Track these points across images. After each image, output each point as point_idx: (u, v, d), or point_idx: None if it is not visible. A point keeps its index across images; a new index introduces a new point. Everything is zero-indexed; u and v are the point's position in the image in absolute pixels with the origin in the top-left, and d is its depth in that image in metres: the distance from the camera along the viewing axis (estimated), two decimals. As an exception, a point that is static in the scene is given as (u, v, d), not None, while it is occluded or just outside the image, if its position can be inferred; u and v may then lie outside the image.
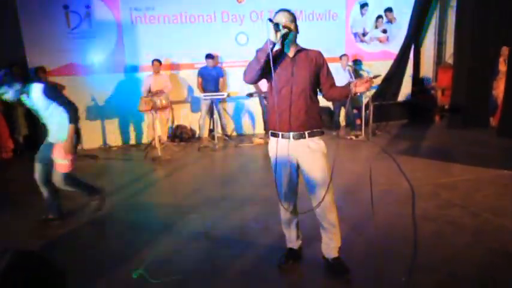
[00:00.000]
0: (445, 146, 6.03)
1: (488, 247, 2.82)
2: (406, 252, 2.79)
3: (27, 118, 6.32)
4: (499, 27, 6.71)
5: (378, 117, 7.24)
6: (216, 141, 6.60)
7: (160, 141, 6.29)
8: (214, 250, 2.99)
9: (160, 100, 6.13)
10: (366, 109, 6.77)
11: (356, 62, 7.52)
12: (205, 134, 7.15)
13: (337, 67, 6.73)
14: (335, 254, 2.57)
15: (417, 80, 8.74)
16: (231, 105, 7.60)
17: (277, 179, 2.50)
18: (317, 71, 2.41)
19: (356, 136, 6.73)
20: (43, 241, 3.25)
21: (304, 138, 2.39)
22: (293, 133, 2.39)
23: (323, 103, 2.54)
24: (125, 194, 4.41)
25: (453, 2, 8.10)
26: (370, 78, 2.42)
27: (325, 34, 7.57)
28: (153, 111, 6.09)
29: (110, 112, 6.99)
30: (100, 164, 5.97)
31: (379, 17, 8.09)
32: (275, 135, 2.45)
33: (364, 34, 8.07)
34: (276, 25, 2.18)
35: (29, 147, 6.04)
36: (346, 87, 2.46)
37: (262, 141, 6.66)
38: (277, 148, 2.39)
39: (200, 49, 6.96)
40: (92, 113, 6.89)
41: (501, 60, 6.74)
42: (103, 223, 3.67)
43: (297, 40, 2.41)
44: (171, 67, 7.17)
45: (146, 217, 3.77)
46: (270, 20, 2.18)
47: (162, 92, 6.37)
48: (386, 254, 2.77)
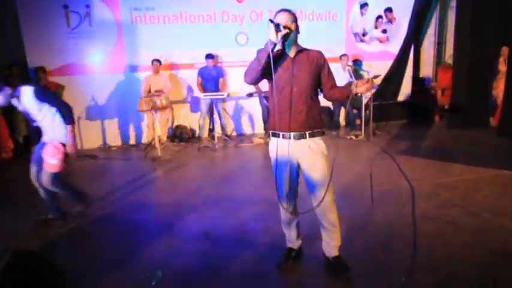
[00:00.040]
0: (445, 146, 6.03)
1: (488, 247, 2.82)
2: (406, 252, 2.79)
3: (27, 118, 6.31)
4: (499, 27, 6.72)
5: (378, 117, 7.24)
6: (216, 141, 6.60)
7: (160, 141, 6.29)
8: (214, 250, 2.99)
9: (160, 100, 6.14)
10: (366, 109, 6.77)
11: (356, 62, 7.51)
12: (205, 134, 7.15)
13: (337, 67, 6.73)
14: (335, 253, 2.57)
15: (417, 80, 8.74)
16: (231, 105, 7.60)
17: (277, 179, 2.49)
18: (318, 71, 2.41)
19: (356, 136, 6.72)
20: (43, 241, 3.25)
21: (305, 138, 2.39)
22: (294, 133, 2.38)
23: (323, 103, 2.54)
24: (125, 194, 4.41)
25: (453, 2, 8.10)
26: (370, 78, 2.40)
27: (325, 34, 7.58)
28: (153, 111, 6.10)
29: (110, 112, 6.99)
30: (100, 164, 5.97)
31: (379, 17, 8.09)
32: (276, 135, 2.45)
33: (364, 34, 8.07)
34: (277, 25, 2.17)
35: (29, 147, 6.03)
36: (347, 87, 2.44)
37: (262, 141, 6.67)
38: (277, 148, 2.39)
39: (200, 49, 6.96)
40: (92, 113, 6.90)
41: (501, 60, 6.74)
42: (103, 223, 3.67)
43: (297, 40, 2.41)
44: (171, 67, 7.16)
45: (146, 217, 3.76)
46: (271, 21, 2.17)
47: (162, 92, 6.37)
48: (386, 254, 2.78)
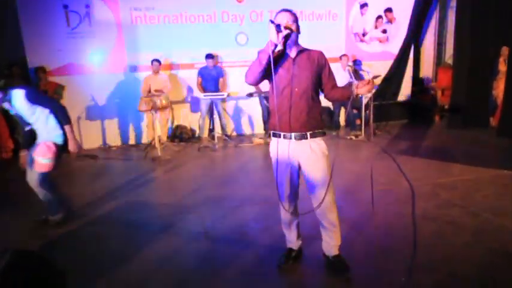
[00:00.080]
0: (445, 146, 6.03)
1: (488, 247, 2.83)
2: (406, 252, 2.79)
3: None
4: (499, 27, 6.72)
5: (378, 117, 7.23)
6: (216, 141, 6.60)
7: (160, 141, 6.29)
8: (214, 250, 2.99)
9: (160, 100, 6.13)
10: (366, 109, 6.77)
11: (356, 62, 7.52)
12: (205, 134, 7.15)
13: (337, 67, 6.73)
14: (335, 252, 2.58)
15: (417, 80, 8.74)
16: (231, 105, 7.59)
17: (278, 180, 2.49)
18: (319, 72, 2.40)
19: (356, 136, 6.73)
20: (43, 241, 3.25)
21: (305, 139, 2.38)
22: (295, 134, 2.38)
23: (323, 103, 2.54)
24: (125, 194, 4.41)
25: (453, 3, 8.10)
26: (371, 80, 2.40)
27: (325, 34, 7.58)
28: (153, 111, 6.09)
29: (110, 112, 6.99)
30: (100, 164, 5.97)
31: (379, 17, 8.09)
32: (276, 135, 2.44)
33: (364, 34, 8.07)
34: (278, 26, 2.16)
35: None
36: (348, 88, 2.43)
37: (262, 141, 6.66)
38: (278, 148, 2.39)
39: (200, 49, 6.96)
40: (92, 113, 6.89)
41: (501, 60, 6.74)
42: (103, 223, 3.66)
43: (298, 40, 2.40)
44: (171, 67, 7.16)
45: (146, 217, 3.76)
46: (272, 22, 2.17)
47: (162, 92, 6.37)
48: (386, 254, 2.78)
